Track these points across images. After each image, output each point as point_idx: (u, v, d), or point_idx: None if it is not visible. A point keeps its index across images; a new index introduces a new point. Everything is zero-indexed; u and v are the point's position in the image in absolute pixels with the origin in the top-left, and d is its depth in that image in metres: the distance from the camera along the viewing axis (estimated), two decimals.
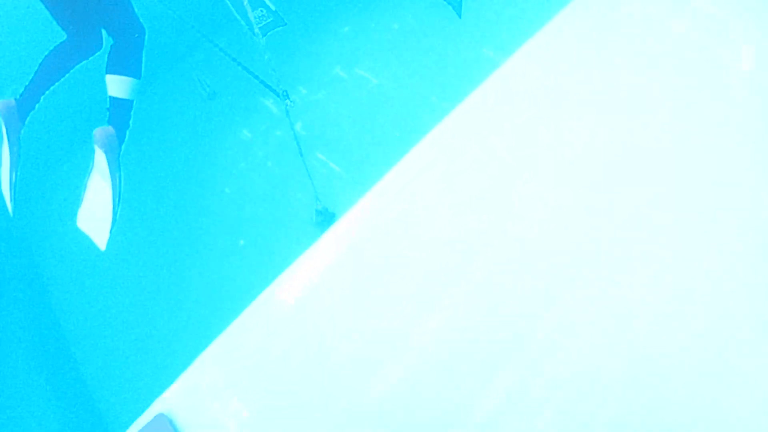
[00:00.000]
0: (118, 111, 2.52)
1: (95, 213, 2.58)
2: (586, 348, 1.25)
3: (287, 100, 2.72)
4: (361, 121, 3.71)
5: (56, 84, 2.52)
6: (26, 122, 2.48)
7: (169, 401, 1.38)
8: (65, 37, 2.50)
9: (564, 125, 1.61)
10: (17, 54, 3.64)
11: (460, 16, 2.96)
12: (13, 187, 2.54)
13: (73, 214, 3.88)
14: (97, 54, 2.56)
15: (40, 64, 2.47)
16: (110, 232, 2.57)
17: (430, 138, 1.65)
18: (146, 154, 3.79)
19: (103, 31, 2.50)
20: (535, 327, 1.29)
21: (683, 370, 1.19)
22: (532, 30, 3.69)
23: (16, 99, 2.46)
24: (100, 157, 2.48)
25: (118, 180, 2.54)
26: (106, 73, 2.50)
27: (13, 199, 2.59)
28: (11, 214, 2.62)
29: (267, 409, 1.32)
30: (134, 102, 2.55)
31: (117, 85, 2.48)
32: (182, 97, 4.12)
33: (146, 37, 2.52)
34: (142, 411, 1.41)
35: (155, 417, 1.35)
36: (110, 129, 2.50)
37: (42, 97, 2.49)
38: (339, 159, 3.57)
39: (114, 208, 2.52)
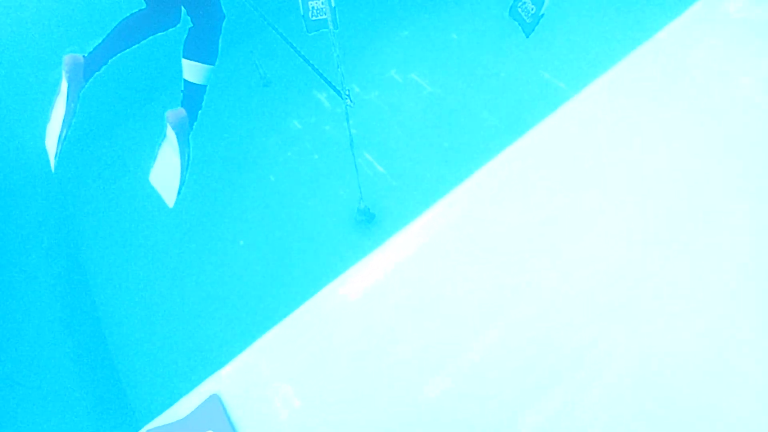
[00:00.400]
0: (192, 94, 2.58)
1: (166, 175, 2.71)
2: (635, 371, 1.28)
3: (348, 100, 2.76)
4: (410, 126, 3.75)
5: (126, 50, 2.54)
6: (89, 81, 2.50)
7: (220, 382, 1.44)
8: (144, 6, 2.53)
9: (631, 164, 1.63)
10: (93, 12, 3.74)
11: (527, 36, 2.97)
12: (60, 142, 2.55)
13: (116, 181, 4.01)
14: (170, 30, 2.59)
15: (114, 28, 2.49)
16: (178, 192, 2.75)
17: (505, 156, 1.67)
18: (196, 134, 3.86)
19: (182, 10, 2.53)
20: (590, 347, 1.32)
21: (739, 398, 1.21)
22: (593, 60, 3.71)
23: (84, 56, 2.47)
24: (171, 135, 2.56)
25: (187, 155, 2.68)
26: (183, 56, 2.54)
27: (58, 155, 2.61)
28: (52, 170, 2.66)
29: (319, 400, 1.36)
30: (207, 86, 2.62)
31: (192, 71, 2.54)
32: (237, 82, 4.20)
33: (224, 23, 2.54)
34: (185, 393, 1.47)
35: (209, 397, 1.40)
36: (182, 111, 2.58)
37: (110, 60, 2.51)
38: (385, 161, 3.61)
39: (182, 176, 2.68)
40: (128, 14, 2.52)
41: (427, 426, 1.29)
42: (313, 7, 3.29)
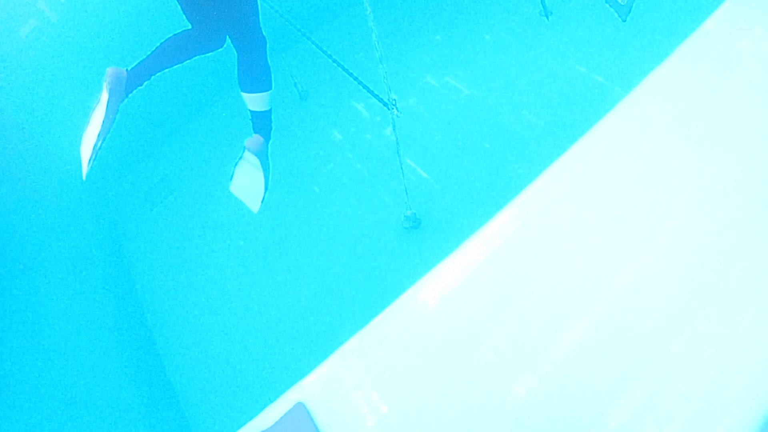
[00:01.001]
0: (261, 121, 2.70)
1: (247, 186, 2.88)
2: (716, 364, 1.28)
3: (395, 110, 2.79)
4: (450, 130, 3.77)
5: (169, 68, 2.58)
6: (129, 96, 2.54)
7: (303, 391, 1.47)
8: (191, 27, 2.58)
9: (698, 158, 1.62)
10: (140, 28, 3.86)
11: (624, 20, 2.91)
12: (95, 152, 2.55)
13: (163, 200, 4.11)
14: (215, 51, 2.64)
15: (159, 45, 2.54)
16: (262, 200, 2.90)
17: (570, 155, 1.68)
18: (237, 150, 3.96)
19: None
20: (669, 342, 1.32)
21: None
22: (628, 53, 3.67)
23: (127, 70, 2.51)
24: (250, 157, 2.77)
25: (269, 169, 2.86)
26: (241, 90, 2.63)
27: (91, 163, 2.59)
28: (83, 178, 2.65)
29: (406, 406, 1.39)
30: (272, 108, 2.73)
31: (254, 101, 2.64)
32: (276, 96, 4.26)
33: (268, 46, 2.60)
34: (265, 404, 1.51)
35: (294, 405, 1.44)
36: (259, 138, 2.75)
37: (152, 77, 2.56)
38: (427, 166, 3.64)
39: (266, 185, 2.86)
40: (174, 33, 2.58)
41: (518, 425, 1.30)
42: None
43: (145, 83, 2.60)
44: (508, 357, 1.39)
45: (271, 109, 2.76)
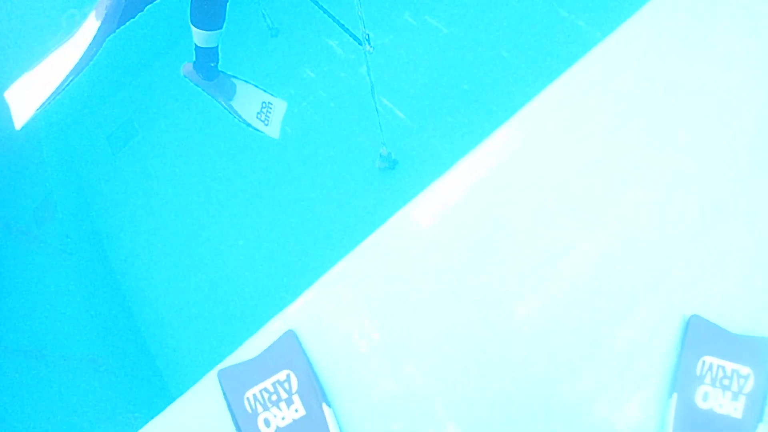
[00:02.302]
0: (203, 56, 2.46)
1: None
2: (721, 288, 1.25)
3: (368, 46, 2.64)
4: (428, 69, 3.65)
5: None
6: (118, 30, 2.21)
7: (288, 320, 1.37)
8: None
9: (666, 113, 1.54)
10: None
11: None
12: (58, 93, 2.11)
13: (127, 142, 3.92)
14: None
15: None
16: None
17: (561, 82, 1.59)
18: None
19: None
20: (673, 266, 1.28)
21: None
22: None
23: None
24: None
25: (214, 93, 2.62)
26: (190, 21, 2.33)
27: (43, 107, 2.09)
28: (18, 127, 2.13)
29: (400, 332, 1.31)
30: (219, 45, 2.47)
31: (199, 37, 2.38)
32: (244, 33, 4.07)
33: None
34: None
35: (284, 333, 1.34)
36: (190, 66, 2.52)
37: (146, 7, 2.26)
38: (404, 106, 3.53)
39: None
40: None
41: (520, 349, 1.25)
42: None
43: (138, 15, 2.25)
44: (508, 278, 1.32)
45: (217, 47, 2.47)
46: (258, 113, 2.75)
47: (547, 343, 1.25)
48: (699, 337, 1.17)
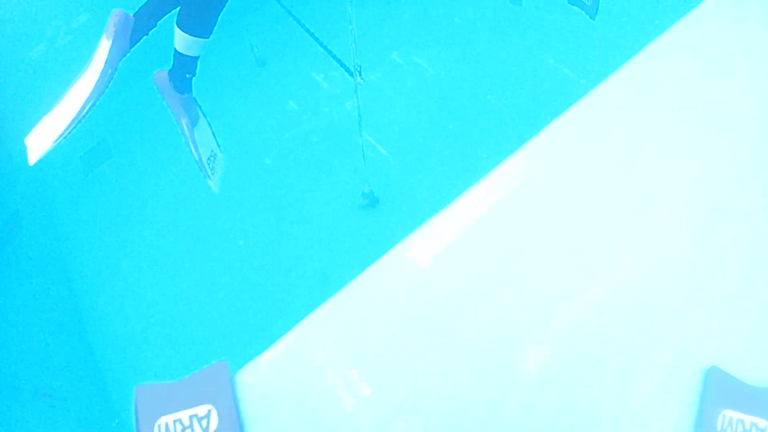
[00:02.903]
0: (184, 65, 2.28)
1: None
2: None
3: (359, 77, 2.62)
4: (413, 108, 3.64)
5: (177, 6, 2.18)
6: (132, 49, 2.18)
7: (259, 372, 1.23)
8: None
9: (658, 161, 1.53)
10: None
11: (593, 19, 2.81)
12: (77, 121, 2.16)
13: (99, 165, 3.81)
14: None
15: None
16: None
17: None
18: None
19: None
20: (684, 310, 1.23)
21: None
22: (599, 48, 3.64)
23: (134, 15, 2.16)
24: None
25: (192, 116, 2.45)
26: (176, 24, 2.16)
27: (60, 140, 2.15)
28: (31, 163, 2.21)
29: (393, 386, 1.18)
30: (199, 58, 2.28)
31: (185, 43, 2.19)
32: (230, 61, 4.02)
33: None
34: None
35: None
36: (164, 73, 2.32)
37: (158, 22, 2.20)
38: (387, 143, 3.49)
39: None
40: None
41: (525, 404, 1.15)
42: None
43: (151, 32, 2.22)
44: (511, 325, 1.23)
45: (198, 58, 2.30)
46: (208, 159, 2.51)
47: (553, 398, 1.15)
48: (718, 390, 1.13)
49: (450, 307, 1.27)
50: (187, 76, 2.29)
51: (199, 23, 2.17)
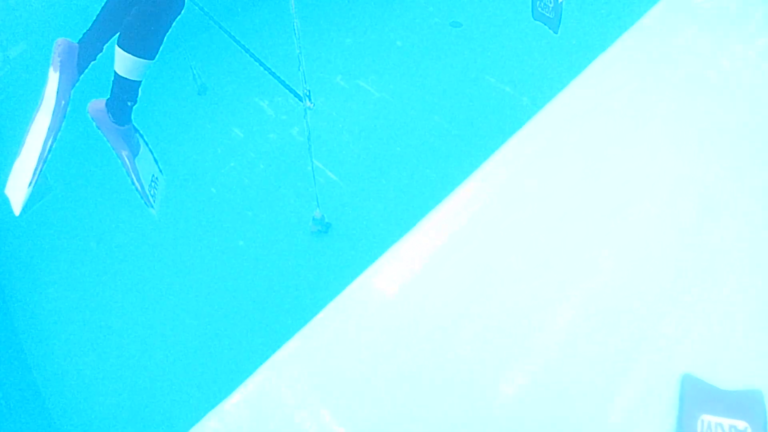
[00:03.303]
0: (124, 91, 2.10)
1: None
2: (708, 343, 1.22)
3: (308, 101, 2.59)
4: (360, 131, 3.63)
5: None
6: (82, 74, 2.11)
7: (227, 417, 1.16)
8: None
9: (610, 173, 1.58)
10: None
11: (556, 32, 2.85)
12: (43, 161, 2.07)
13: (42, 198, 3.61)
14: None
15: (104, 5, 2.11)
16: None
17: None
18: None
19: None
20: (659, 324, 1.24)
21: None
22: (534, 66, 3.74)
23: (78, 42, 2.08)
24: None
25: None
26: (117, 44, 2.01)
27: (34, 182, 2.08)
28: (17, 212, 2.14)
29: (368, 423, 1.14)
30: (141, 82, 2.11)
31: (127, 65, 2.03)
32: (171, 88, 3.91)
33: (180, 15, 2.05)
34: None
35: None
36: (101, 104, 2.14)
37: (104, 46, 2.11)
38: (336, 168, 3.47)
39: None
40: None
41: (507, 430, 1.14)
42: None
43: (98, 56, 2.16)
44: (487, 348, 1.20)
45: (140, 83, 2.15)
46: (150, 185, 2.36)
47: (533, 419, 1.14)
48: (694, 396, 1.15)
49: (421, 335, 1.24)
50: (129, 104, 2.13)
51: (143, 42, 2.03)
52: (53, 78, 2.07)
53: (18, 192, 2.15)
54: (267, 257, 3.14)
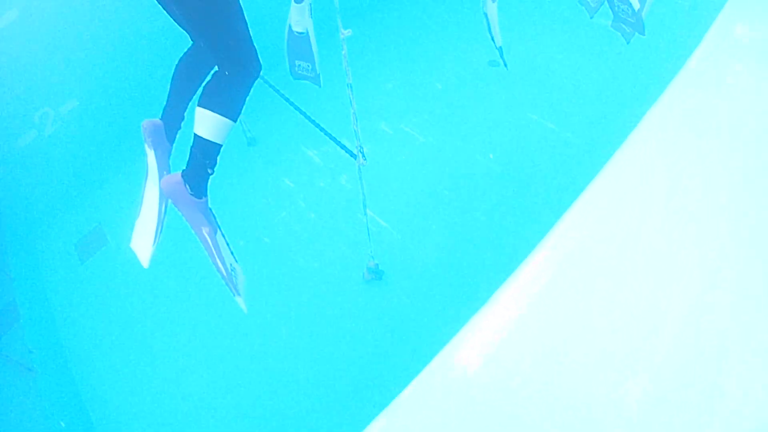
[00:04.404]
0: (204, 156, 2.02)
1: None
2: None
3: (362, 159, 2.65)
4: (407, 177, 3.68)
5: (197, 91, 2.13)
6: (173, 144, 2.24)
7: None
8: (192, 41, 2.16)
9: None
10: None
11: (627, 43, 2.93)
12: (161, 223, 2.22)
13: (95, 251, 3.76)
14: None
15: (173, 75, 2.18)
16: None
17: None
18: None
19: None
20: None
21: None
22: (579, 100, 3.74)
23: (161, 118, 2.19)
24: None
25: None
26: (200, 105, 1.98)
27: (156, 242, 2.24)
28: (146, 266, 2.31)
29: None
30: (222, 147, 2.03)
31: (209, 125, 1.97)
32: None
33: (258, 77, 2.04)
34: None
35: None
36: (176, 177, 2.08)
37: (185, 111, 2.18)
38: (386, 214, 3.51)
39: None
40: (179, 58, 2.21)
41: None
42: (299, 65, 3.23)
43: (182, 123, 2.25)
44: (583, 422, 1.17)
45: (221, 148, 2.07)
46: (229, 273, 2.23)
47: None
48: None
49: (509, 414, 1.23)
50: (208, 171, 2.07)
51: (227, 102, 1.99)
52: (150, 154, 2.21)
53: (144, 249, 2.30)
54: (321, 306, 3.19)
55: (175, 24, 2.05)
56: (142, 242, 2.30)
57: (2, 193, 3.85)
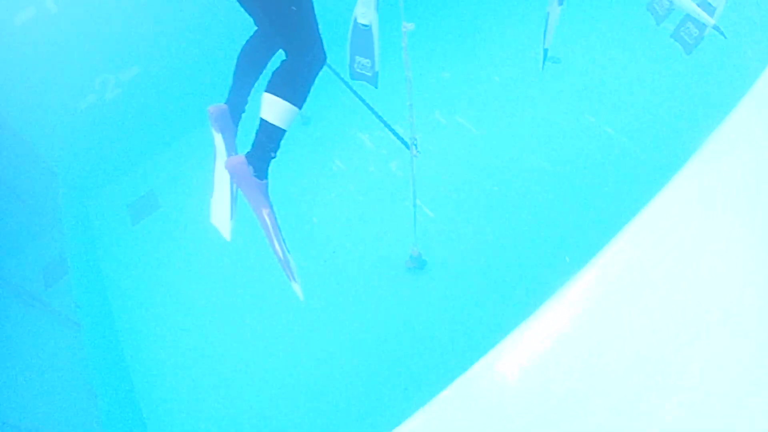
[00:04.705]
0: (268, 139, 2.10)
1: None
2: None
3: (415, 151, 2.68)
4: (457, 169, 3.69)
5: (260, 76, 2.28)
6: (238, 125, 2.36)
7: None
8: (256, 27, 2.24)
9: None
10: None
11: (688, 54, 2.93)
12: (234, 200, 2.34)
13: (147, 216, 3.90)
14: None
15: (238, 60, 2.28)
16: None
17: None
18: None
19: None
20: None
21: None
22: (637, 105, 3.65)
23: (226, 102, 2.30)
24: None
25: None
26: (267, 90, 2.06)
27: (233, 217, 2.39)
28: (229, 238, 2.48)
29: None
30: (286, 133, 2.13)
31: (275, 110, 2.05)
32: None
33: (324, 65, 2.12)
34: None
35: None
36: (240, 158, 2.17)
37: (249, 95, 2.30)
38: (433, 205, 3.54)
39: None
40: (243, 45, 2.31)
41: None
42: (359, 62, 3.22)
43: (246, 106, 2.38)
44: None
45: (285, 133, 2.16)
46: (287, 256, 2.30)
47: None
48: None
49: (543, 424, 1.24)
50: (272, 154, 2.16)
51: (294, 89, 2.07)
52: (218, 138, 2.32)
53: (224, 224, 2.46)
54: (361, 290, 3.26)
55: (239, 6, 2.09)
56: (221, 218, 2.45)
57: (61, 151, 4.02)
